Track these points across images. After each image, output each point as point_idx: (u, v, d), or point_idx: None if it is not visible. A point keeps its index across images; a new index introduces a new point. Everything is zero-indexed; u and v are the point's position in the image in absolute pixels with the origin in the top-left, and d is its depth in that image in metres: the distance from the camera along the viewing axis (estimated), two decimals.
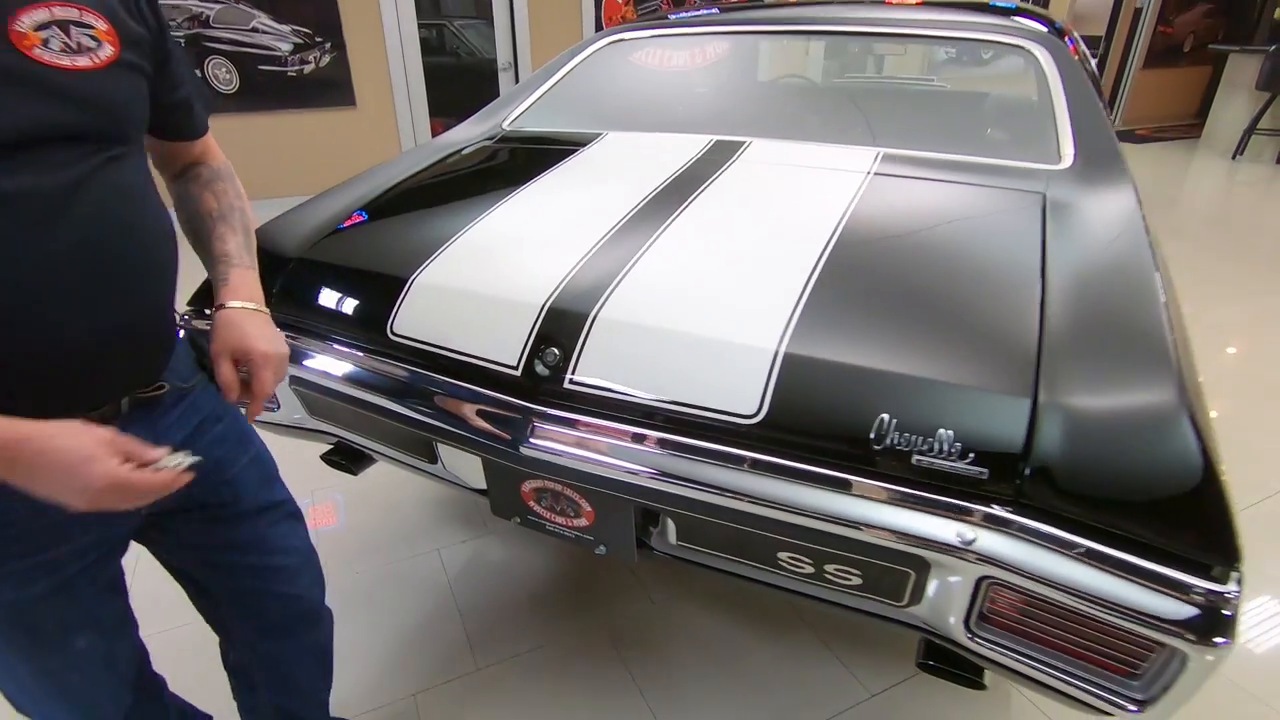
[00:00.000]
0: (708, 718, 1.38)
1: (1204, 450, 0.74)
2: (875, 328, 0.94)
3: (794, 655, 1.51)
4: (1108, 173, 1.28)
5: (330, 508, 1.95)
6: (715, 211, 1.26)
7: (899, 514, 0.82)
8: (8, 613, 0.73)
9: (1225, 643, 0.69)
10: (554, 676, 1.46)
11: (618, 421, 0.96)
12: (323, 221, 1.40)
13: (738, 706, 1.40)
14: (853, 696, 1.42)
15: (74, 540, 0.75)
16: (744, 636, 1.55)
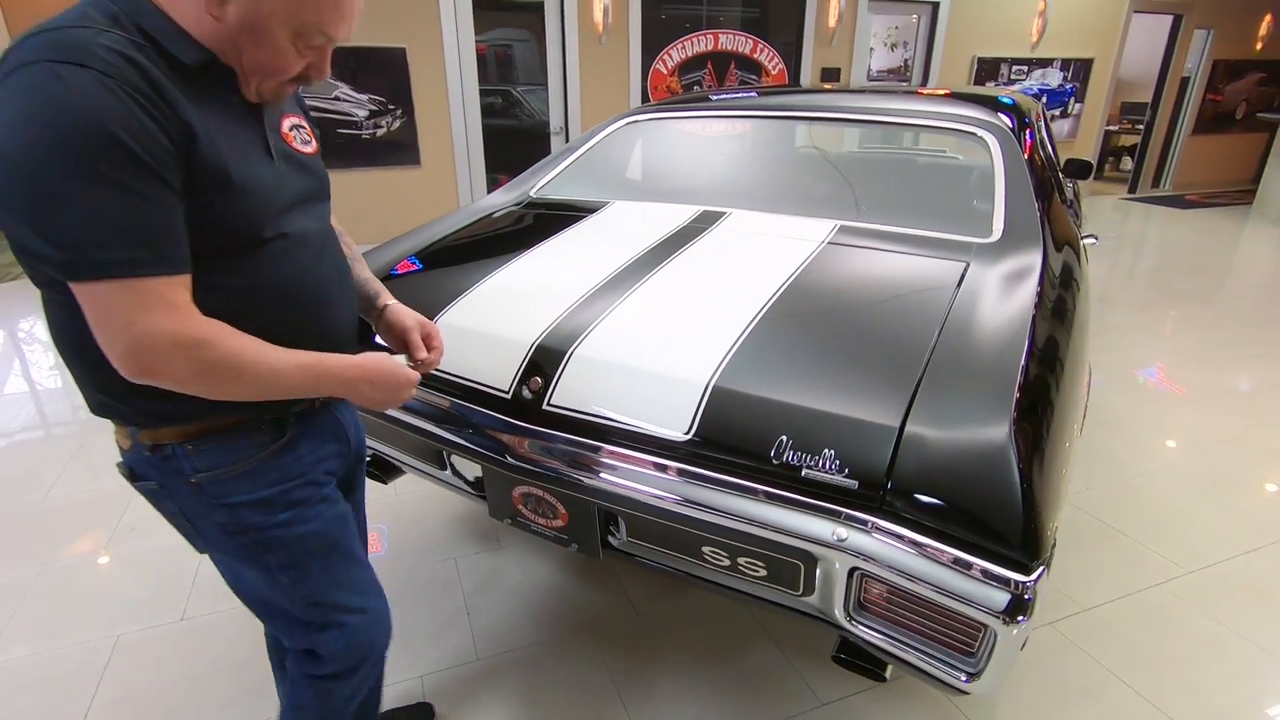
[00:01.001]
0: (673, 715, 1.56)
1: (1023, 475, 0.94)
2: (788, 368, 1.17)
3: (757, 666, 1.68)
4: (1024, 247, 1.48)
5: None
6: (687, 271, 1.51)
7: (789, 515, 1.04)
8: (335, 523, 1.00)
9: (1025, 620, 0.88)
10: (543, 672, 1.67)
11: (582, 437, 1.21)
12: (376, 268, 1.72)
13: (700, 707, 1.57)
14: (805, 703, 1.58)
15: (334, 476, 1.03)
16: (713, 648, 1.73)
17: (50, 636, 1.76)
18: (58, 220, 0.68)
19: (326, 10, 0.78)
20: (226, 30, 0.76)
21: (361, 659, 1.08)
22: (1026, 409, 1.03)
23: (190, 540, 0.97)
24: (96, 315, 0.72)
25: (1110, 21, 7.41)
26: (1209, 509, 2.30)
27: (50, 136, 0.67)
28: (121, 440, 0.91)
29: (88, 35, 0.70)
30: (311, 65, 0.83)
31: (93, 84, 0.68)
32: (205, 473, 0.88)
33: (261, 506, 0.92)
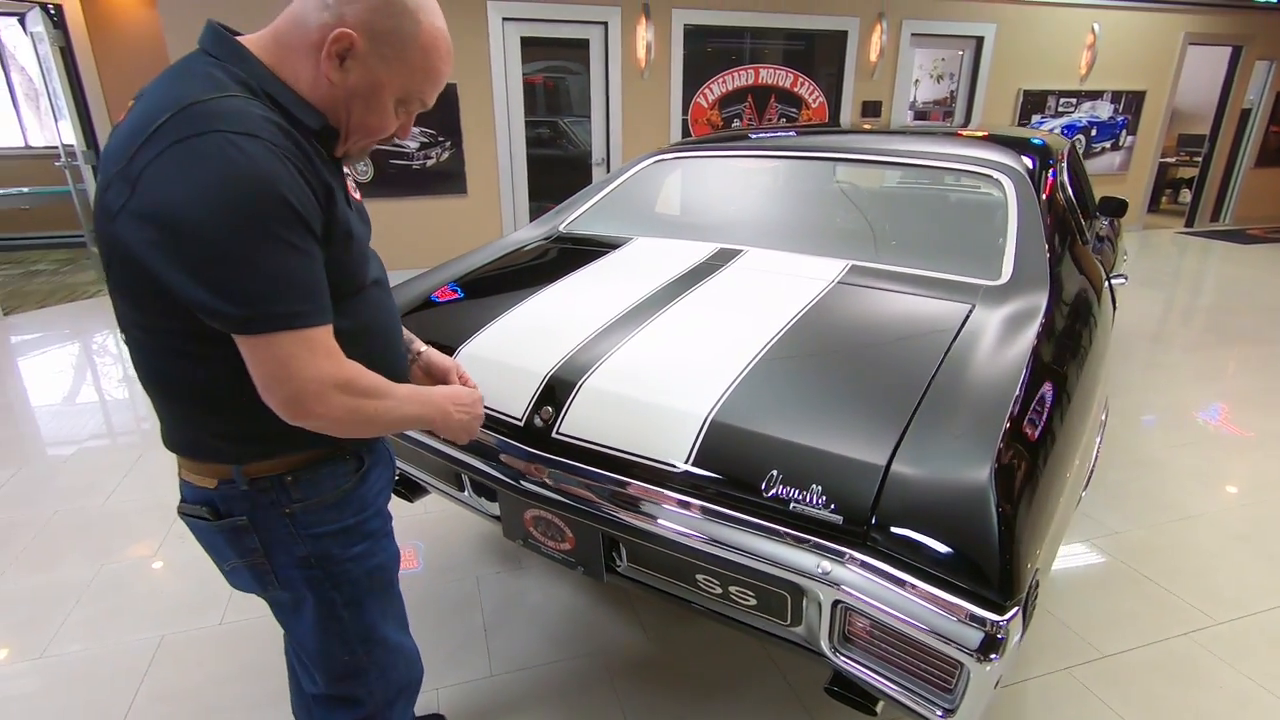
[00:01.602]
0: None
1: (1001, 517, 0.96)
2: (784, 404, 1.22)
3: (762, 697, 1.70)
4: (1030, 290, 1.50)
5: None
6: (697, 307, 1.58)
7: (777, 547, 1.08)
8: (394, 559, 1.09)
9: (997, 658, 0.90)
10: (553, 691, 1.72)
11: (587, 464, 1.28)
12: (412, 296, 1.83)
13: None
14: None
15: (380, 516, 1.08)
16: (720, 677, 1.76)
17: (102, 635, 1.90)
18: (238, 279, 0.74)
19: (430, 81, 0.89)
20: (340, 94, 0.85)
21: (398, 694, 1.15)
22: (1011, 453, 1.06)
23: (257, 579, 0.98)
24: (267, 365, 0.78)
25: (1164, 53, 7.27)
26: (1248, 558, 2.22)
27: (234, 203, 0.73)
28: (205, 480, 0.93)
29: (243, 105, 0.77)
30: (401, 126, 0.93)
31: (265, 153, 0.75)
32: (300, 503, 0.94)
33: (342, 537, 0.99)
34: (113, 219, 0.76)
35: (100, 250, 0.82)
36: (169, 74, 0.82)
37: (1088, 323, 1.60)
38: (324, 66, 0.83)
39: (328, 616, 1.02)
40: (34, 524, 2.40)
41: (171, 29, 4.63)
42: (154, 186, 0.73)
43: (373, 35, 0.83)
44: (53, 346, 4.24)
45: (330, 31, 0.81)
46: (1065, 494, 1.22)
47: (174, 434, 0.93)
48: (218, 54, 0.82)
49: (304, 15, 0.83)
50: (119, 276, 0.81)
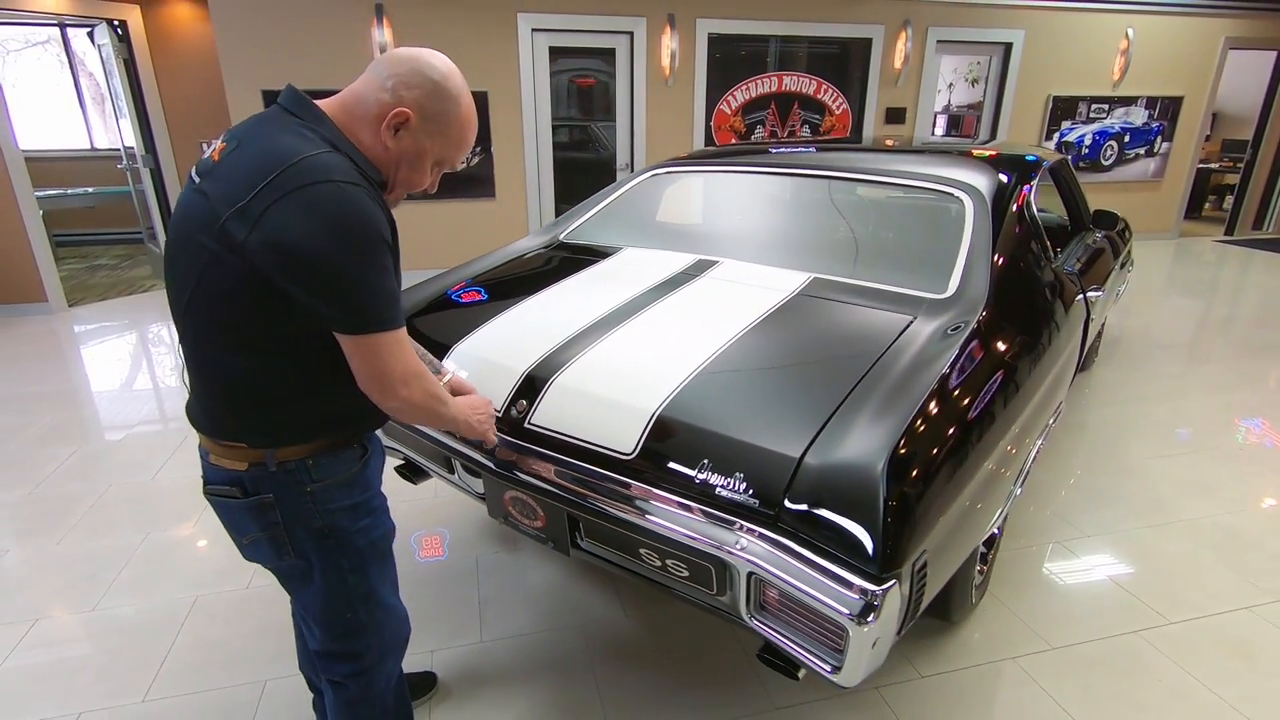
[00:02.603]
0: (640, 703, 1.76)
1: (889, 502, 1.11)
2: (722, 402, 1.38)
3: (724, 669, 1.86)
4: (968, 305, 1.63)
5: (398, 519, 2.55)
6: (668, 313, 1.75)
7: (703, 525, 1.24)
8: (390, 532, 1.28)
9: (873, 622, 1.05)
10: (535, 656, 1.91)
11: (552, 451, 1.46)
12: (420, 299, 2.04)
13: (663, 699, 1.77)
14: (759, 706, 1.75)
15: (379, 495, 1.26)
16: (687, 649, 1.92)
17: (146, 593, 2.16)
18: (354, 294, 0.97)
19: (462, 150, 1.14)
20: (393, 156, 1.07)
21: (391, 650, 1.34)
22: (911, 448, 1.20)
23: (275, 549, 1.15)
24: (372, 358, 1.01)
25: (1203, 58, 7.14)
26: (1215, 564, 2.30)
27: (350, 236, 0.95)
28: (236, 464, 1.09)
29: (341, 160, 0.98)
30: (432, 182, 1.17)
31: (367, 198, 0.97)
32: (319, 482, 1.11)
33: (352, 511, 1.17)
34: (238, 246, 0.94)
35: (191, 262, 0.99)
36: (264, 125, 1.02)
37: (1032, 334, 1.72)
38: (383, 135, 1.05)
39: (336, 580, 1.20)
40: (91, 496, 2.69)
41: (225, 46, 4.97)
42: (280, 223, 0.92)
43: (424, 114, 1.06)
44: (111, 336, 4.60)
45: (390, 109, 1.04)
46: (975, 488, 1.35)
47: (220, 421, 1.11)
48: (301, 114, 1.03)
49: (368, 94, 1.05)
50: (215, 284, 0.98)
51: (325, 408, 1.10)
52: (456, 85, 1.09)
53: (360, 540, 1.19)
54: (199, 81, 5.88)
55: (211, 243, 0.96)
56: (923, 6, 6.24)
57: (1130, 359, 4.18)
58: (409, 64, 1.05)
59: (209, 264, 0.98)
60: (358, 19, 5.17)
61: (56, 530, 2.48)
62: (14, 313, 4.95)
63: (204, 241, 0.97)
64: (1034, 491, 2.72)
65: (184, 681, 1.83)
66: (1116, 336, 4.56)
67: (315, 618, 1.25)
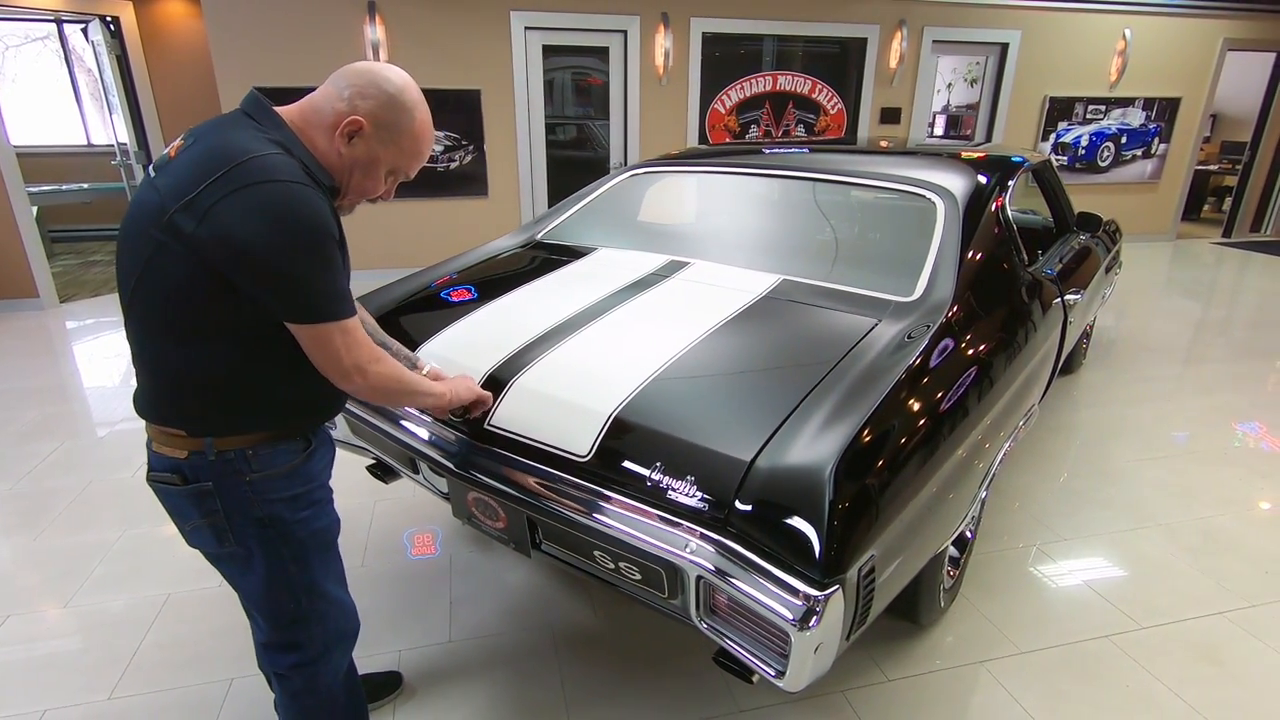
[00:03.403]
0: (604, 704, 1.76)
1: (834, 508, 1.11)
2: (678, 405, 1.38)
3: (689, 672, 1.86)
4: (932, 308, 1.62)
5: (370, 517, 2.55)
6: (633, 315, 1.74)
7: (654, 527, 1.24)
8: (333, 524, 1.30)
9: (814, 627, 1.05)
10: (502, 657, 1.91)
11: (510, 452, 1.46)
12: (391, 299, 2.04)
13: (626, 703, 1.77)
14: (724, 708, 1.75)
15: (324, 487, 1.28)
16: (654, 653, 1.92)
17: (119, 590, 2.16)
18: (302, 289, 1.01)
19: (415, 160, 1.17)
20: (346, 163, 1.11)
21: (336, 642, 1.34)
22: (861, 453, 1.20)
23: (216, 535, 1.16)
24: (325, 347, 1.06)
25: (1201, 60, 7.11)
26: (1189, 569, 2.29)
27: (297, 233, 0.98)
28: (176, 451, 1.11)
29: (287, 160, 1.01)
30: (386, 191, 1.19)
31: (317, 197, 1.01)
32: (258, 473, 1.13)
33: (291, 502, 1.19)
34: (185, 238, 0.97)
35: (138, 252, 1.02)
36: (220, 126, 1.05)
37: (1001, 336, 1.72)
38: (337, 142, 1.09)
39: (277, 570, 1.21)
40: (71, 492, 2.70)
41: (217, 42, 4.97)
42: (230, 219, 0.95)
43: (378, 123, 1.09)
44: (103, 332, 4.61)
45: (345, 117, 1.08)
46: (932, 492, 1.35)
47: (161, 408, 1.12)
48: (259, 119, 1.07)
49: (325, 103, 1.09)
50: (160, 274, 1.01)
51: (267, 399, 1.12)
52: (412, 98, 1.12)
53: (301, 531, 1.21)
54: (191, 78, 5.89)
55: (159, 234, 0.99)
56: (918, 6, 6.22)
57: (1120, 362, 4.16)
58: (366, 75, 1.09)
59: (154, 254, 1.00)
60: (350, 16, 5.17)
61: (35, 526, 2.48)
62: (4, 308, 4.96)
63: (152, 233, 1.00)
64: (1012, 494, 2.72)
65: (151, 679, 1.83)
66: (1111, 339, 4.55)
67: (258, 607, 1.26)
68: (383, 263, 5.64)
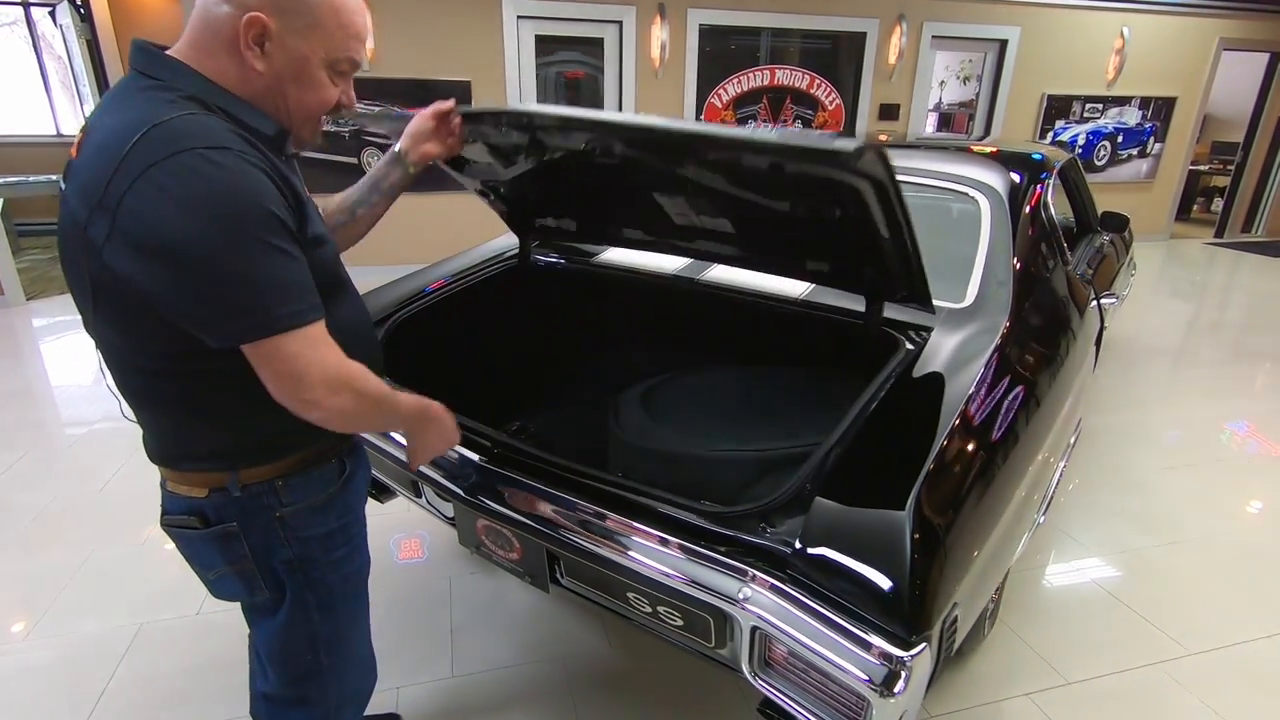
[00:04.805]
0: None
1: (915, 552, 0.96)
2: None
3: (718, 710, 1.71)
4: (990, 316, 1.48)
5: None
6: None
7: (701, 570, 1.09)
8: (365, 567, 1.13)
9: (900, 693, 0.90)
10: (511, 695, 1.75)
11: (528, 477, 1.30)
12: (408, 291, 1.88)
13: None
14: None
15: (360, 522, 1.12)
16: (677, 687, 1.77)
17: (85, 620, 1.97)
18: (236, 293, 0.76)
19: (351, 37, 0.89)
20: (272, 82, 0.85)
21: (349, 702, 1.18)
22: (937, 485, 1.05)
23: (245, 584, 1.00)
24: (275, 366, 0.81)
25: (1196, 59, 7.08)
26: (1231, 588, 2.18)
27: (220, 218, 0.74)
28: (195, 490, 0.95)
29: (205, 120, 0.78)
30: (343, 93, 0.93)
31: (239, 163, 0.77)
32: (290, 506, 0.97)
33: (326, 540, 1.03)
34: (99, 252, 0.76)
35: (81, 286, 0.83)
36: (113, 101, 0.83)
37: (1055, 346, 1.58)
38: (247, 59, 0.83)
39: (300, 618, 1.05)
40: (34, 507, 2.49)
41: None
42: (136, 214, 0.73)
43: (280, 11, 0.83)
44: (71, 331, 4.36)
45: (239, 21, 0.82)
46: (1005, 524, 1.21)
47: (166, 448, 0.95)
48: (157, 74, 0.83)
49: (209, 16, 0.83)
50: (108, 308, 0.83)
51: (288, 417, 0.91)
52: None
53: (332, 575, 1.05)
54: None
55: (83, 255, 0.79)
56: (918, 1, 6.10)
57: (1131, 365, 4.07)
58: None
59: (96, 293, 0.81)
60: None
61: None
62: None
63: (78, 258, 0.81)
64: None
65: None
66: (1120, 341, 4.46)
67: (271, 656, 1.11)
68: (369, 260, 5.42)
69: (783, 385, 1.60)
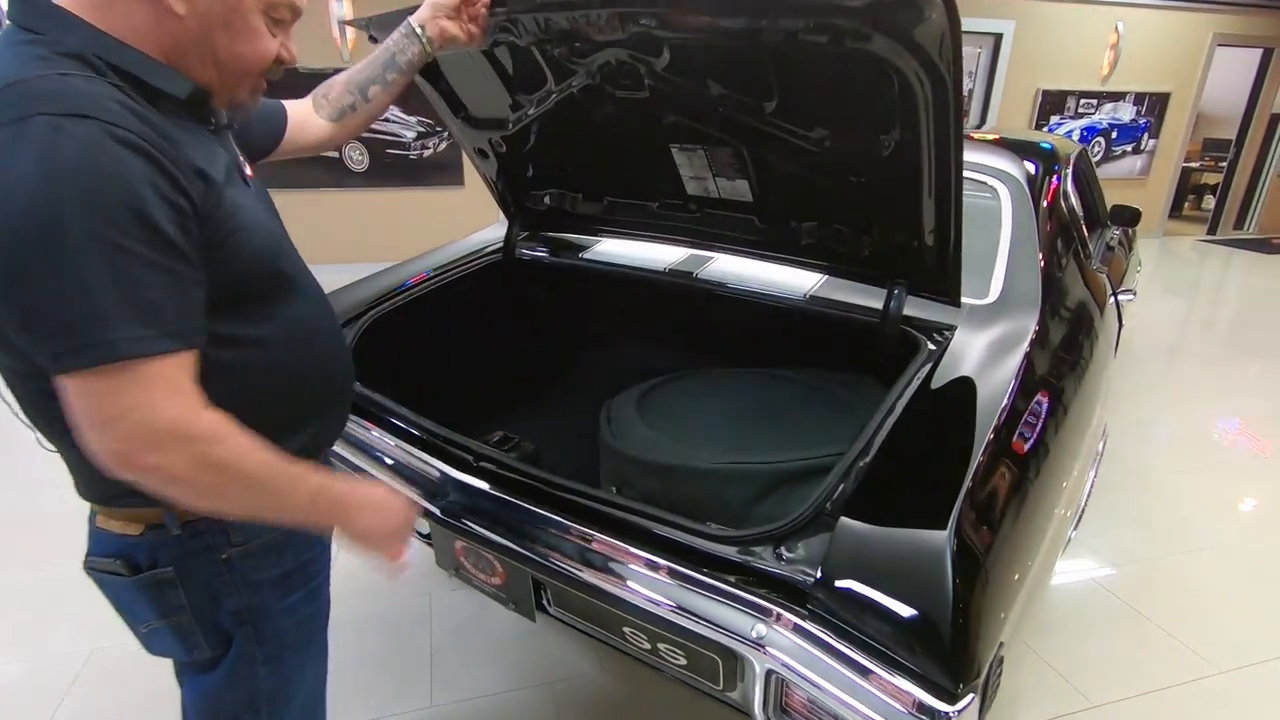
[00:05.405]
0: None
1: (958, 585, 0.83)
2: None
3: None
4: (1018, 313, 1.35)
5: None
6: None
7: (708, 602, 0.95)
8: (325, 609, 0.97)
9: None
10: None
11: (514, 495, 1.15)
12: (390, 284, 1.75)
13: None
14: None
15: (323, 557, 0.97)
16: (673, 716, 1.64)
17: (31, 646, 1.80)
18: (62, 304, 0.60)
19: None
20: (195, 29, 0.70)
21: None
22: (978, 505, 0.92)
23: (182, 640, 0.85)
24: (83, 402, 0.63)
25: (1191, 54, 7.01)
26: (1260, 599, 2.07)
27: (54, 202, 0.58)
28: (128, 527, 0.80)
29: (80, 83, 0.63)
30: (283, 45, 0.78)
31: (99, 136, 0.60)
32: (240, 546, 0.82)
33: (282, 584, 0.87)
34: None
35: None
36: None
37: (1082, 348, 1.46)
38: (165, 2, 0.67)
39: (243, 673, 0.89)
40: None
41: None
42: None
43: None
44: None
45: None
46: (1046, 546, 1.08)
47: (92, 484, 0.79)
48: (35, 26, 0.66)
49: None
50: None
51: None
52: None
53: (284, 622, 0.89)
54: None
55: None
56: None
57: (1136, 363, 3.97)
58: None
59: None
60: None
61: None
62: None
63: None
64: None
65: None
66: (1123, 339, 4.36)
67: (201, 712, 0.93)
68: (352, 257, 5.25)
69: (790, 389, 1.47)
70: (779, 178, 1.19)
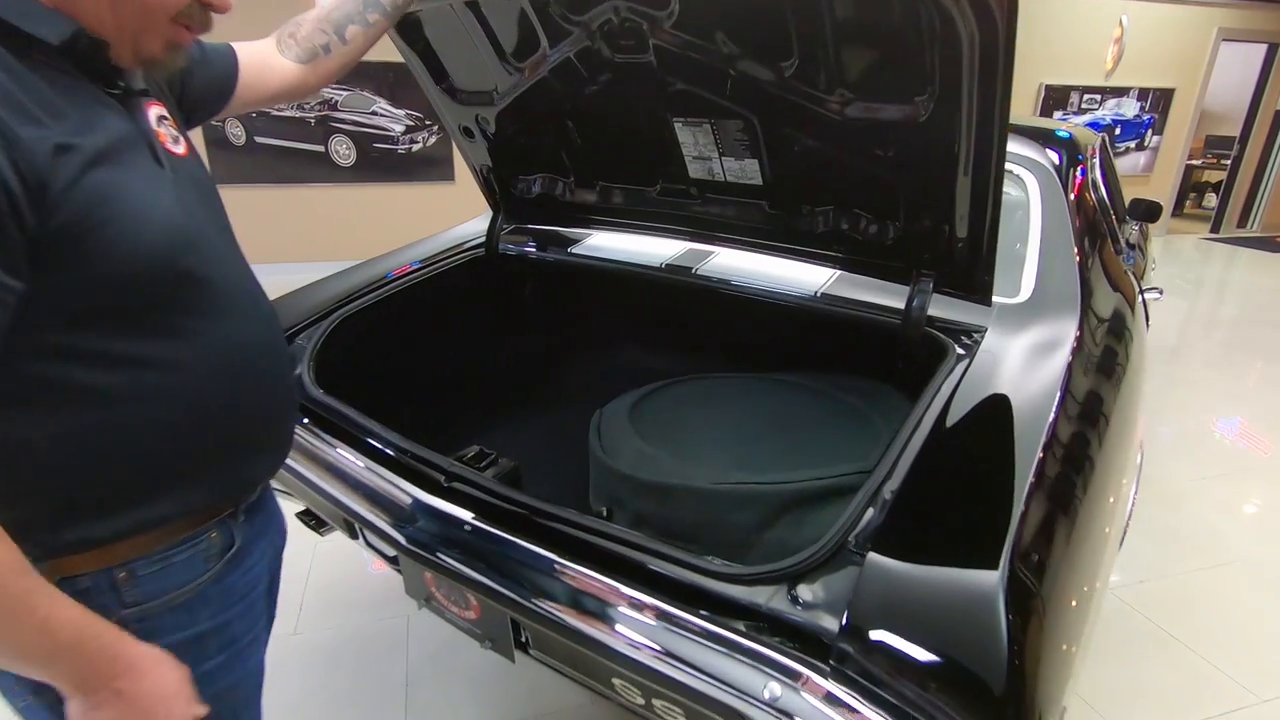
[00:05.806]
0: None
1: (1014, 636, 0.69)
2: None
3: None
4: (1055, 313, 1.21)
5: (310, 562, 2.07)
6: None
7: (711, 654, 0.81)
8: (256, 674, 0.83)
9: None
10: None
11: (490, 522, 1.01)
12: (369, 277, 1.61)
13: None
14: None
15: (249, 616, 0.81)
16: None
17: None
18: None
19: None
20: None
21: None
22: (1030, 544, 0.78)
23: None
24: None
25: (1195, 50, 6.90)
26: None
27: None
28: None
29: None
30: None
31: None
32: (137, 606, 0.68)
33: (194, 647, 0.72)
34: None
35: None
36: None
37: (1123, 353, 1.32)
38: None
39: None
40: None
41: None
42: None
43: None
44: None
45: None
46: (1100, 583, 0.94)
47: None
48: None
49: None
50: None
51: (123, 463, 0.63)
52: None
53: (204, 691, 0.71)
54: None
55: None
56: None
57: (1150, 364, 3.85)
58: None
59: None
60: None
61: None
62: None
63: None
64: None
65: None
66: None
67: None
68: (339, 254, 5.09)
69: (800, 397, 1.33)
70: (794, 155, 1.05)
